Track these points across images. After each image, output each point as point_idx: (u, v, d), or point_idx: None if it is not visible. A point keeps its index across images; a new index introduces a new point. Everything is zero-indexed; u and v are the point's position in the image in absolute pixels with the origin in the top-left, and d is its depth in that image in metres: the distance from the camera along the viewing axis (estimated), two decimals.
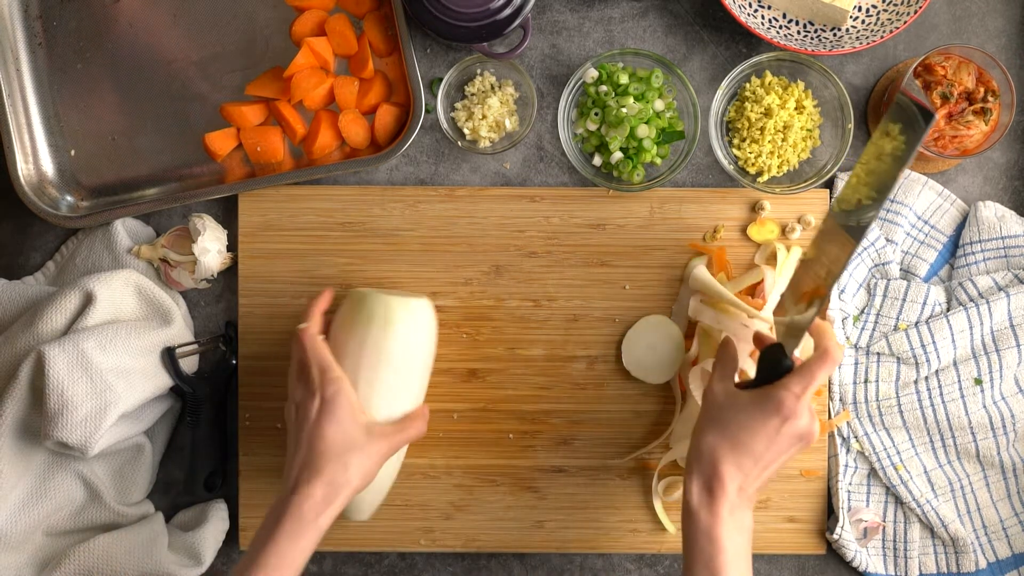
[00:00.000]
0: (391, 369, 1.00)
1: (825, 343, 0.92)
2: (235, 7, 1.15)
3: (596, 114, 1.10)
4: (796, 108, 1.11)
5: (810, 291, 0.95)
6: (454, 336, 1.13)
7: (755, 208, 1.13)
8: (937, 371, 1.11)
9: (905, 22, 1.08)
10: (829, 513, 1.13)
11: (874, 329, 1.12)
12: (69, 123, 1.16)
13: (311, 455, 0.94)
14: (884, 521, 1.13)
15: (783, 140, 1.10)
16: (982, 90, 1.07)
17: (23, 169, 1.12)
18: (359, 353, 1.00)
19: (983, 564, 1.11)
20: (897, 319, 1.11)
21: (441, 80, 1.13)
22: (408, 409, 1.02)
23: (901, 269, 1.14)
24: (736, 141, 1.12)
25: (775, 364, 0.93)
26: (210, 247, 1.10)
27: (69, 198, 1.15)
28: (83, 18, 1.16)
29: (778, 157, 1.11)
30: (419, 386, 1.04)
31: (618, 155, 1.09)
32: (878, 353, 1.12)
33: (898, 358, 1.11)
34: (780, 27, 1.13)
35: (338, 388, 0.96)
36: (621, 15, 1.15)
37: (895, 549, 1.12)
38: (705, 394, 0.98)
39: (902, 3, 1.10)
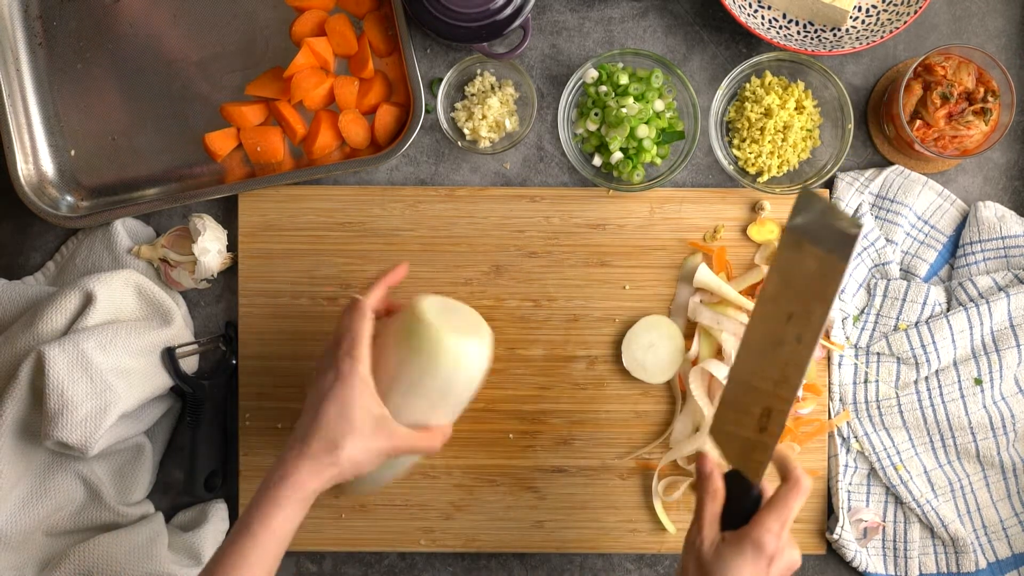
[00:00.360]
0: (425, 399, 0.95)
1: (795, 472, 0.89)
2: (235, 7, 1.15)
3: (596, 114, 1.10)
4: (796, 108, 1.11)
5: (759, 408, 0.89)
6: None
7: (755, 208, 1.13)
8: (937, 371, 1.11)
9: (905, 22, 1.08)
10: (829, 513, 1.13)
11: (874, 329, 1.12)
12: (69, 123, 1.16)
13: (311, 428, 0.92)
14: (884, 521, 1.13)
15: (783, 140, 1.10)
16: (982, 90, 1.07)
17: (23, 169, 1.12)
18: (396, 373, 0.94)
19: (983, 564, 1.11)
20: (897, 319, 1.11)
21: (441, 80, 1.13)
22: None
23: (901, 269, 1.14)
24: (736, 141, 1.12)
25: (741, 494, 0.90)
26: (210, 247, 1.10)
27: (69, 198, 1.15)
28: (83, 18, 1.16)
29: (778, 157, 1.11)
30: (449, 414, 0.98)
31: (618, 155, 1.09)
32: (878, 353, 1.12)
33: (898, 358, 1.11)
34: (780, 27, 1.13)
35: (353, 368, 0.92)
36: (621, 15, 1.15)
37: (895, 549, 1.12)
38: (690, 543, 0.91)
39: (902, 3, 1.10)
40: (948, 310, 1.11)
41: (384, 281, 0.98)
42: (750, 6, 1.12)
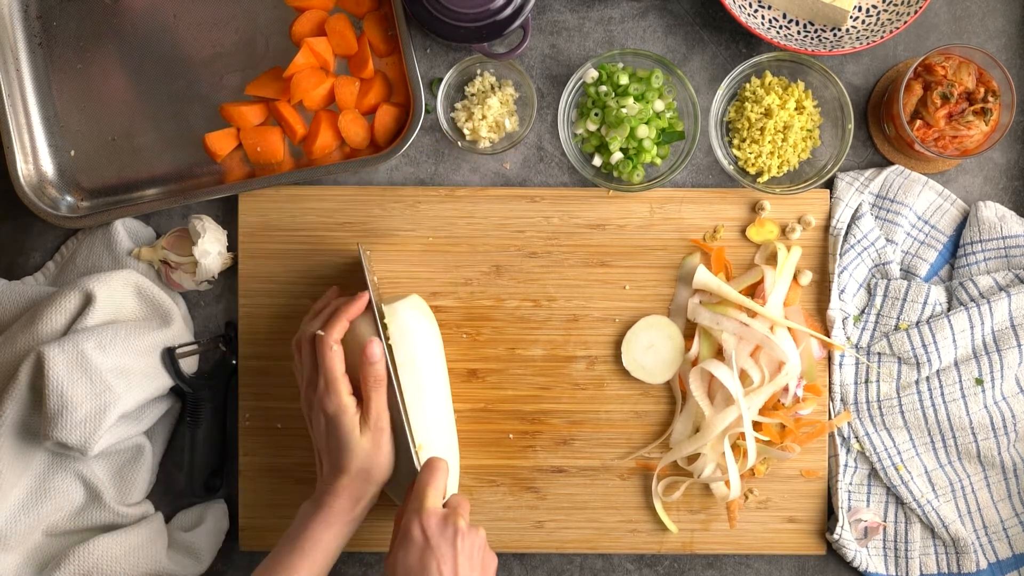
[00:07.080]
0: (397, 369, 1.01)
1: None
2: (235, 7, 1.15)
3: (596, 114, 1.10)
4: (796, 108, 1.11)
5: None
6: (454, 336, 1.13)
7: (755, 208, 1.13)
8: (938, 371, 1.10)
9: (905, 22, 1.08)
10: (829, 513, 1.13)
11: (875, 329, 1.12)
12: (69, 123, 1.16)
13: (332, 470, 0.99)
14: (884, 521, 1.12)
15: (783, 140, 1.10)
16: (982, 90, 1.07)
17: (23, 169, 1.12)
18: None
19: (983, 564, 1.11)
20: (898, 319, 1.11)
21: (441, 80, 1.13)
22: (438, 399, 1.05)
23: (901, 269, 1.14)
24: (736, 141, 1.12)
25: None
26: (210, 249, 1.10)
27: (69, 198, 1.15)
28: (83, 18, 1.16)
29: (778, 157, 1.11)
30: (426, 382, 1.04)
31: (618, 155, 1.09)
32: (879, 353, 1.12)
33: (899, 358, 1.11)
34: (780, 27, 1.13)
35: (339, 406, 0.98)
36: (621, 15, 1.15)
37: (895, 549, 1.12)
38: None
39: (902, 3, 1.10)
40: (949, 310, 1.11)
41: (346, 315, 1.01)
42: (750, 6, 1.12)
